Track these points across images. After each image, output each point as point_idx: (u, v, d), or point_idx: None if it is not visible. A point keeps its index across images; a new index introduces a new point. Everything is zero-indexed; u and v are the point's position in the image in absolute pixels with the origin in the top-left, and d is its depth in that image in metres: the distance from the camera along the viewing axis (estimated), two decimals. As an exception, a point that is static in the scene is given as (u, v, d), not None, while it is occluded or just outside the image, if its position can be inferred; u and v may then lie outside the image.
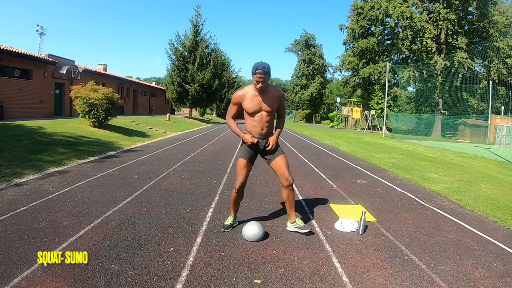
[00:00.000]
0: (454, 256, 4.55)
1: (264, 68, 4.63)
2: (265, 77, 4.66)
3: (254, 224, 4.87)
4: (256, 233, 4.77)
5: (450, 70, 38.88)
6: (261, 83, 4.69)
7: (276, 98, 4.93)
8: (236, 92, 4.97)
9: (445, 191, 8.52)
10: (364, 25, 49.06)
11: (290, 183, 4.98)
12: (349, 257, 4.39)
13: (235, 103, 4.98)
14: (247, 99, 4.88)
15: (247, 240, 4.77)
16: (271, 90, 4.93)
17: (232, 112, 5.07)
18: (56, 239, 4.52)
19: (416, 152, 18.18)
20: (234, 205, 5.21)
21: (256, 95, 4.85)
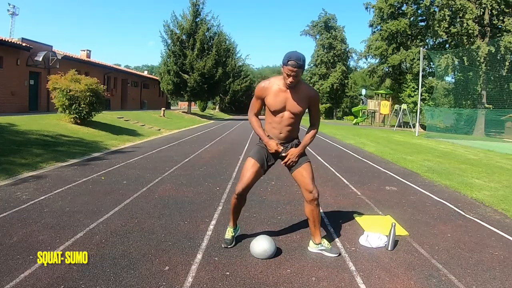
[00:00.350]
0: (500, 277, 4.49)
1: (298, 60, 4.45)
2: (298, 71, 4.47)
3: (264, 238, 4.83)
4: (267, 249, 4.73)
5: (496, 56, 38.59)
6: (292, 77, 4.48)
7: (306, 99, 4.76)
8: (260, 83, 4.85)
9: (489, 199, 8.46)
10: (394, 3, 48.92)
11: (315, 197, 4.81)
12: (376, 277, 4.36)
13: (258, 96, 4.82)
14: (271, 93, 4.72)
15: (256, 257, 4.74)
16: (302, 88, 4.75)
17: (255, 107, 4.92)
18: (30, 256, 4.50)
19: (456, 153, 18.12)
20: (233, 213, 5.11)
21: (283, 90, 4.69)
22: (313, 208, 4.84)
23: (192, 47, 44.89)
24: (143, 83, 52.89)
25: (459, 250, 5.27)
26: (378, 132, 34.68)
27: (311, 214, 4.89)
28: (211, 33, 47.00)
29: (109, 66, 42.50)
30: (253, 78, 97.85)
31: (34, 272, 4.07)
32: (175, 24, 45.32)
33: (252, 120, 4.95)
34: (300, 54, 4.52)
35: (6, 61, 24.59)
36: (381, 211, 7.20)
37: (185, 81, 43.80)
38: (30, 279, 3.91)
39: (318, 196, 4.86)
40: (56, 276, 4.00)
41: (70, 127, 17.81)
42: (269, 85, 4.75)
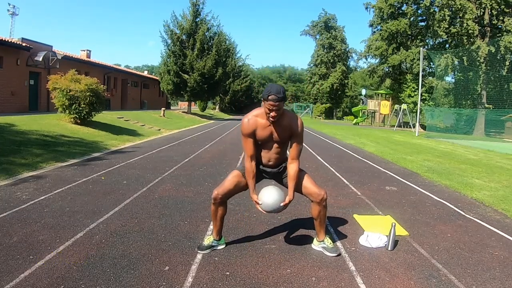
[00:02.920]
0: (500, 277, 4.49)
1: (278, 93, 4.38)
2: (279, 104, 4.42)
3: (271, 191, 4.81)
4: (276, 199, 4.71)
5: (496, 56, 38.56)
6: (274, 111, 4.45)
7: (289, 130, 4.72)
8: (244, 120, 4.72)
9: (489, 199, 8.47)
10: (394, 3, 48.83)
11: (324, 198, 4.81)
12: (376, 277, 4.36)
13: (247, 134, 4.70)
14: (258, 128, 4.67)
15: (269, 207, 4.73)
16: (285, 119, 4.70)
17: (249, 149, 4.76)
18: (30, 256, 4.51)
19: (455, 153, 18.12)
20: (214, 221, 5.01)
21: (267, 124, 4.65)
22: (321, 209, 4.85)
23: (192, 47, 44.88)
24: (143, 83, 52.87)
25: (459, 250, 5.27)
26: (378, 132, 34.68)
27: (319, 215, 4.90)
28: (211, 33, 46.99)
29: (109, 66, 42.46)
30: (253, 78, 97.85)
31: (34, 272, 4.07)
32: (175, 24, 45.32)
33: (247, 167, 4.80)
34: (279, 87, 4.47)
35: (6, 61, 24.57)
36: (381, 211, 7.20)
37: (185, 81, 43.78)
38: (30, 279, 3.91)
39: (326, 196, 4.87)
40: (56, 276, 4.00)
41: (70, 127, 17.80)
42: (253, 120, 4.68)
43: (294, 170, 4.80)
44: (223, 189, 4.81)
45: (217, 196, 4.78)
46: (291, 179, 4.83)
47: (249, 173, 4.77)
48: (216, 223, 4.97)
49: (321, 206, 4.83)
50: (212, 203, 4.84)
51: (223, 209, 4.92)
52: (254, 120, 4.67)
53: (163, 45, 48.20)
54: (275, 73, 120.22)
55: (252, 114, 4.73)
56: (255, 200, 4.72)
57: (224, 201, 4.88)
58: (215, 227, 5.00)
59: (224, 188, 4.81)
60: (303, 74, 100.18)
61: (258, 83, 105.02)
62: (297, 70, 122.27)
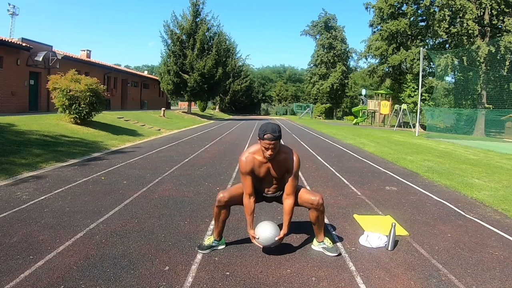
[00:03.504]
0: (500, 276, 4.49)
1: (274, 133, 4.45)
2: (275, 143, 4.49)
3: (268, 226, 4.84)
4: (272, 234, 4.74)
5: (496, 56, 38.52)
6: (270, 150, 4.51)
7: (285, 166, 4.76)
8: (241, 159, 4.77)
9: (489, 199, 8.47)
10: (394, 3, 48.80)
11: (320, 203, 4.84)
12: (376, 277, 4.36)
13: (245, 172, 4.75)
14: (255, 166, 4.74)
15: (266, 241, 4.75)
16: (282, 155, 4.74)
17: (248, 186, 4.79)
18: (30, 256, 4.52)
19: (455, 153, 18.11)
20: (216, 223, 5.03)
21: (264, 161, 4.72)
22: (319, 214, 4.88)
23: (192, 47, 44.90)
24: (143, 83, 52.85)
25: (459, 250, 5.27)
26: (378, 132, 34.66)
27: (317, 219, 4.93)
28: (211, 33, 47.00)
29: (109, 66, 42.44)
30: (253, 78, 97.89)
31: (34, 272, 4.08)
32: (175, 24, 45.35)
33: (245, 204, 4.84)
34: (275, 126, 4.54)
35: (6, 61, 24.56)
36: (381, 211, 7.20)
37: (185, 81, 43.80)
38: (30, 279, 3.91)
39: (323, 200, 4.88)
40: (56, 276, 4.00)
41: (70, 127, 17.80)
42: (251, 158, 4.74)
43: (289, 205, 4.84)
44: (229, 194, 4.85)
45: (222, 199, 4.81)
46: (286, 213, 4.87)
47: (248, 209, 4.82)
48: (217, 224, 4.98)
49: (318, 211, 4.86)
50: (216, 206, 4.85)
51: (226, 213, 4.94)
52: (251, 158, 4.74)
53: (163, 45, 48.43)
54: (275, 73, 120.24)
55: (249, 152, 4.79)
56: (252, 235, 4.77)
57: (227, 206, 4.90)
58: (216, 228, 5.01)
59: (230, 193, 4.86)
60: (303, 74, 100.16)
61: (258, 83, 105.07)
62: (297, 70, 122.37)
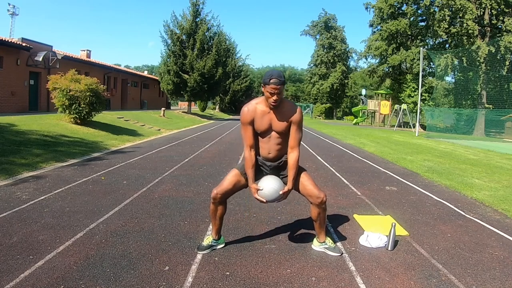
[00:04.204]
0: (500, 277, 4.49)
1: (279, 77, 4.37)
2: (281, 87, 4.39)
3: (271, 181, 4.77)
4: (276, 187, 4.68)
5: (496, 56, 38.52)
6: (276, 95, 4.41)
7: (288, 117, 4.66)
8: (243, 109, 4.70)
9: (489, 199, 8.48)
10: (394, 3, 48.83)
11: (323, 200, 4.78)
12: (376, 277, 4.36)
13: (246, 122, 4.67)
14: (257, 116, 4.64)
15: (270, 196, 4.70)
16: (285, 107, 4.67)
17: (248, 138, 4.73)
18: (30, 256, 4.51)
19: (455, 153, 18.12)
20: (213, 221, 4.99)
21: (267, 111, 4.63)
22: (321, 211, 4.83)
23: (192, 47, 44.87)
24: (143, 83, 52.86)
25: (459, 250, 5.27)
26: (378, 132, 34.67)
27: (318, 217, 4.88)
28: (211, 33, 46.96)
29: (109, 66, 42.43)
30: (253, 78, 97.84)
31: (34, 272, 4.07)
32: (175, 24, 45.30)
33: (246, 157, 4.78)
34: (280, 71, 4.48)
35: (6, 61, 24.56)
36: (381, 211, 7.20)
37: (185, 81, 43.77)
38: (30, 279, 3.91)
39: (326, 199, 4.83)
40: (56, 276, 4.00)
41: (70, 127, 17.80)
42: (253, 108, 4.65)
43: (293, 159, 4.73)
44: (222, 189, 4.78)
45: (216, 195, 4.76)
46: (290, 168, 4.74)
47: (248, 162, 4.73)
48: (215, 222, 4.95)
49: (320, 208, 4.80)
50: (212, 203, 4.82)
51: (223, 209, 4.89)
52: (253, 108, 4.65)
53: (163, 45, 48.37)
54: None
55: (252, 103, 4.71)
56: (255, 187, 4.67)
57: (223, 200, 4.86)
58: (214, 226, 4.98)
59: (223, 188, 4.79)
60: (303, 74, 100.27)
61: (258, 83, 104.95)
62: (297, 70, 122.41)
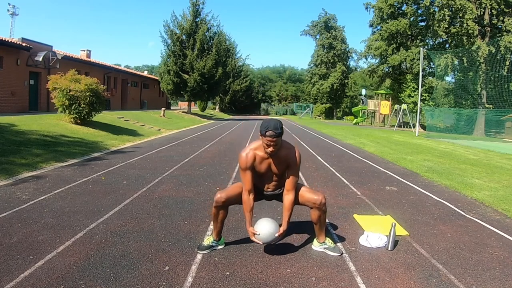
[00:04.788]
0: (500, 277, 4.49)
1: (276, 130, 4.43)
2: (277, 140, 4.48)
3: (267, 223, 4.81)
4: (272, 231, 4.71)
5: (496, 56, 38.48)
6: (272, 146, 4.50)
7: (286, 162, 4.75)
8: (242, 155, 4.77)
9: (489, 199, 8.47)
10: (394, 3, 48.78)
11: (323, 202, 4.82)
12: (376, 277, 4.36)
13: (246, 167, 4.73)
14: (256, 162, 4.73)
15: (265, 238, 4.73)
16: (283, 151, 4.73)
17: (247, 182, 4.75)
18: (30, 256, 4.52)
19: (456, 153, 18.11)
20: (214, 224, 5.01)
21: (265, 157, 4.71)
22: (321, 214, 4.86)
23: (192, 47, 44.88)
24: (143, 83, 52.85)
25: (459, 250, 5.27)
26: (378, 132, 34.64)
27: (318, 219, 4.90)
28: (211, 33, 46.98)
29: (109, 66, 42.44)
30: (253, 78, 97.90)
31: (34, 272, 4.08)
32: (175, 24, 45.32)
33: (244, 200, 4.79)
34: (277, 123, 4.52)
35: (6, 61, 24.56)
36: (381, 211, 7.20)
37: (185, 81, 43.78)
38: (30, 279, 3.91)
39: (325, 200, 4.87)
40: (56, 276, 4.00)
41: (70, 127, 17.80)
42: (252, 154, 4.72)
43: (289, 201, 4.82)
44: (227, 194, 4.82)
45: (219, 199, 4.79)
46: (286, 209, 4.84)
47: (247, 206, 4.78)
48: (216, 225, 4.96)
49: (320, 211, 4.84)
50: (214, 206, 4.84)
51: (224, 213, 4.92)
52: (252, 154, 4.72)
53: (163, 45, 48.40)
54: (275, 73, 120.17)
55: (250, 148, 4.77)
56: (252, 231, 4.73)
57: (225, 206, 4.88)
58: (215, 228, 4.99)
59: (228, 193, 4.83)
60: (303, 74, 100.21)
61: (258, 83, 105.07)
62: (297, 70, 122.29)
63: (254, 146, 4.76)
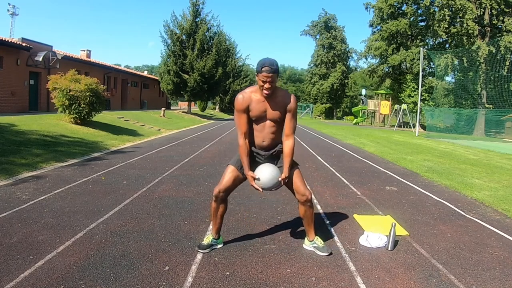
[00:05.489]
0: (500, 277, 4.49)
1: (271, 65, 4.37)
2: (273, 76, 4.40)
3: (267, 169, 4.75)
4: (273, 175, 4.67)
5: (496, 56, 38.50)
6: (268, 83, 4.41)
7: (283, 106, 4.68)
8: (238, 96, 4.67)
9: (489, 199, 8.48)
10: (394, 3, 48.83)
11: (308, 199, 4.84)
12: (376, 277, 4.36)
13: (241, 109, 4.66)
14: (252, 103, 4.65)
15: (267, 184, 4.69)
16: (279, 95, 4.68)
17: (242, 125, 4.70)
18: (30, 256, 4.51)
19: (455, 153, 18.12)
20: (214, 219, 5.00)
21: (261, 100, 4.63)
22: (307, 209, 4.88)
23: (192, 47, 44.84)
24: (143, 83, 52.84)
25: (459, 250, 5.27)
26: (378, 132, 34.66)
27: (305, 214, 4.94)
28: (211, 33, 46.92)
29: (109, 66, 42.42)
30: (253, 78, 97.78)
31: (34, 272, 4.07)
32: (175, 24, 45.26)
33: (240, 144, 4.71)
34: (272, 60, 4.46)
35: (6, 61, 24.55)
36: (381, 211, 7.20)
37: (185, 81, 43.74)
38: (30, 279, 3.91)
39: (311, 197, 4.89)
40: (56, 276, 4.00)
41: (70, 127, 17.80)
42: (248, 96, 4.65)
43: (289, 146, 4.75)
44: (224, 185, 4.82)
45: (218, 193, 4.80)
46: (286, 155, 4.76)
47: (243, 150, 4.70)
48: (216, 221, 4.97)
49: (306, 206, 4.86)
50: (214, 201, 4.85)
51: (224, 207, 4.93)
52: (248, 96, 4.65)
53: (163, 45, 48.33)
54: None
55: (246, 91, 4.72)
56: (252, 175, 4.67)
57: (225, 198, 4.89)
58: (214, 225, 5.00)
59: (224, 184, 4.82)
60: (303, 74, 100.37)
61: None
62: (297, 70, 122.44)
63: (250, 89, 4.71)
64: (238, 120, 4.70)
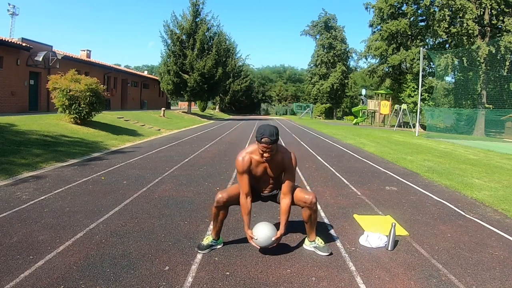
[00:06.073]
0: (500, 277, 4.49)
1: (271, 136, 4.48)
2: (272, 146, 4.53)
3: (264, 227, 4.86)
4: (269, 235, 4.75)
5: (496, 56, 38.45)
6: (267, 152, 4.57)
7: (282, 165, 4.83)
8: (238, 158, 4.80)
9: (489, 199, 8.47)
10: (394, 3, 48.71)
11: (313, 201, 4.86)
12: (376, 277, 4.35)
13: (243, 171, 4.80)
14: (252, 165, 4.80)
15: (263, 243, 4.76)
16: (278, 156, 4.79)
17: (245, 185, 4.83)
18: (30, 256, 4.51)
19: (455, 153, 18.11)
20: (214, 223, 5.04)
21: (261, 161, 4.75)
22: (312, 213, 4.90)
23: (192, 47, 44.89)
24: (143, 83, 52.85)
25: (459, 250, 5.26)
26: (378, 132, 34.64)
27: (309, 218, 4.94)
28: (211, 33, 46.98)
29: (109, 66, 42.44)
30: (253, 78, 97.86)
31: (34, 272, 4.07)
32: (175, 24, 45.33)
33: (242, 204, 4.87)
34: (272, 129, 4.56)
35: (6, 61, 24.55)
36: (381, 211, 7.20)
37: (185, 81, 43.79)
38: (30, 279, 3.91)
39: (316, 200, 4.90)
40: (56, 276, 4.00)
41: (70, 127, 17.81)
42: (248, 158, 4.79)
43: (286, 205, 4.89)
44: (228, 194, 4.87)
45: (220, 199, 4.82)
46: (283, 213, 4.90)
47: (244, 209, 4.85)
48: (216, 225, 4.99)
49: (311, 210, 4.88)
50: (215, 206, 4.87)
51: (224, 213, 4.96)
52: (248, 158, 4.78)
53: (163, 45, 48.43)
54: (275, 73, 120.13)
55: (246, 152, 4.83)
56: (250, 235, 4.80)
57: (226, 206, 4.92)
58: (214, 228, 5.01)
59: (229, 193, 4.88)
60: (303, 74, 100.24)
61: (258, 83, 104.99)
62: (297, 70, 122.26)
63: (250, 150, 4.82)
64: (240, 181, 4.84)
